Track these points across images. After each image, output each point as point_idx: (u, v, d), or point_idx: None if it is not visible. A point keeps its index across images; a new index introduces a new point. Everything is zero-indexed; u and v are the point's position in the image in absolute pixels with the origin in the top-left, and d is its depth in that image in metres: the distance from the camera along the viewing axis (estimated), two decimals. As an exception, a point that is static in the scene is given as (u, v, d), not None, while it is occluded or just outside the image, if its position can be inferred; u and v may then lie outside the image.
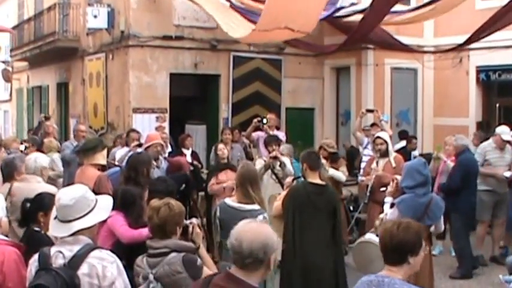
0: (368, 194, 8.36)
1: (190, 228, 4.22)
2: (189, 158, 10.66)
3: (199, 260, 4.03)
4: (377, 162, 8.35)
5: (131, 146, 9.24)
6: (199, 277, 3.89)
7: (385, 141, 8.36)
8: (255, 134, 11.09)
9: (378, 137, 8.51)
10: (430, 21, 14.21)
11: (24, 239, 4.38)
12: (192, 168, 9.79)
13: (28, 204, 4.51)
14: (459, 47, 11.96)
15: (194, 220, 4.33)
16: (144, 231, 4.60)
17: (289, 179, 6.90)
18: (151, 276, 3.92)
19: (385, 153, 8.34)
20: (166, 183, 4.89)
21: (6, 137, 11.31)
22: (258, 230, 2.93)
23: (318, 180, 6.14)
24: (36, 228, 4.39)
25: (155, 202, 4.17)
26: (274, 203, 6.34)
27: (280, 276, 6.05)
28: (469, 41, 11.69)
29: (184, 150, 10.97)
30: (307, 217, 5.94)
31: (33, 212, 4.46)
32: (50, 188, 6.09)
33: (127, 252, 4.42)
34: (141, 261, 4.06)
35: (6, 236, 4.38)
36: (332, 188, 6.51)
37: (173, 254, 3.96)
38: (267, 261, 2.91)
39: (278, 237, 5.04)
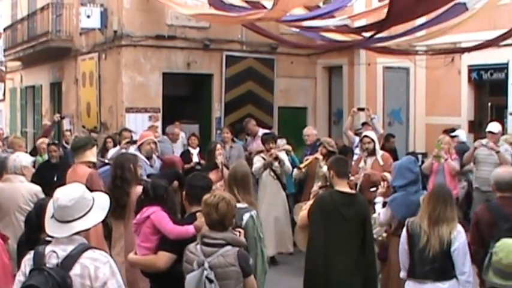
0: None
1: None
2: (195, 158, 10.58)
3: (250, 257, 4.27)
4: (365, 161, 8.41)
5: (122, 143, 9.25)
6: (251, 273, 4.16)
7: (373, 140, 8.44)
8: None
9: (366, 136, 8.59)
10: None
11: None
12: (198, 167, 9.69)
13: (35, 217, 4.43)
14: (464, 51, 11.87)
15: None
16: (191, 229, 4.61)
17: (315, 187, 6.44)
18: (206, 264, 4.03)
19: (372, 152, 8.42)
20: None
21: (12, 137, 11.38)
22: None
23: (346, 189, 5.61)
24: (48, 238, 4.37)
25: (210, 198, 4.25)
26: (300, 213, 5.94)
27: None
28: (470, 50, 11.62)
29: (191, 150, 10.90)
30: (333, 229, 5.42)
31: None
32: (33, 188, 6.17)
33: (176, 247, 4.50)
34: (195, 248, 4.18)
35: None
36: (362, 196, 5.95)
37: (228, 247, 4.11)
38: None
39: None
